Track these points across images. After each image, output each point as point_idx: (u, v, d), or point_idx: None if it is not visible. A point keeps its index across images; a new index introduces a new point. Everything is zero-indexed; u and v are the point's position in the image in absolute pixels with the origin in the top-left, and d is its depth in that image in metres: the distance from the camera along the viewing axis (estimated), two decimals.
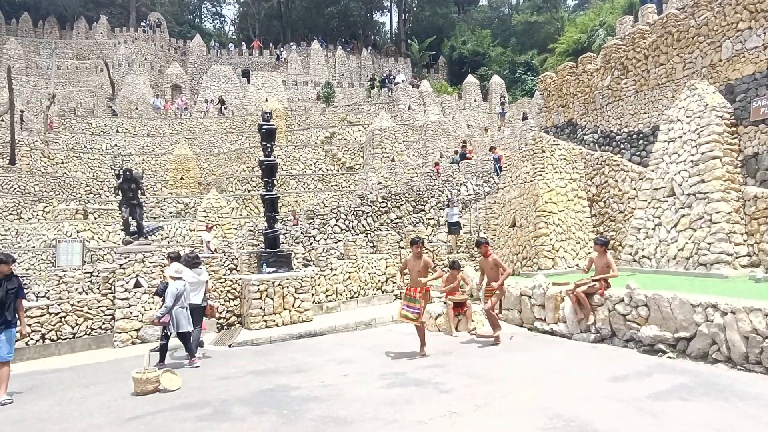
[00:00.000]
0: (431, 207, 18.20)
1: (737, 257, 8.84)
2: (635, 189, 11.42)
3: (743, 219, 9.18)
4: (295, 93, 42.38)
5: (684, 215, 9.64)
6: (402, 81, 41.37)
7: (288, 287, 10.50)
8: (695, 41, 11.70)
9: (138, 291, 10.29)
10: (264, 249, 11.90)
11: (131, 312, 10.08)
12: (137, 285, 10.34)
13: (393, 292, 13.17)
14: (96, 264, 14.53)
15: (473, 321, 8.87)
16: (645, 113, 13.22)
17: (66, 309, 9.77)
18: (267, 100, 36.63)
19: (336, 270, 12.63)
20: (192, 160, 27.80)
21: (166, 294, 7.40)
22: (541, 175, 12.01)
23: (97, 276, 11.15)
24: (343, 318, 10.69)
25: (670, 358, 6.29)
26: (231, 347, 8.94)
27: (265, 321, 10.15)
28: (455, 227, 15.23)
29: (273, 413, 5.03)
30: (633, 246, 10.63)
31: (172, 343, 9.45)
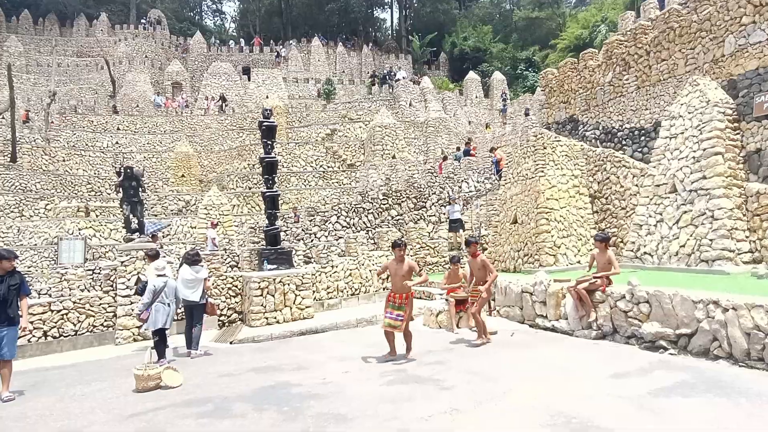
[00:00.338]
0: (432, 204, 18.19)
1: (739, 253, 8.81)
2: (637, 185, 11.39)
3: (745, 215, 9.15)
4: (296, 90, 42.34)
5: (686, 211, 9.61)
6: (403, 77, 41.30)
7: (289, 284, 10.50)
8: (697, 36, 11.63)
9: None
10: (265, 246, 11.91)
11: (133, 309, 10.09)
12: (138, 282, 10.36)
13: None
14: (98, 261, 14.54)
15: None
16: (647, 109, 13.17)
17: (68, 306, 9.79)
18: (267, 97, 36.62)
19: (337, 267, 12.64)
20: (193, 157, 27.81)
21: (146, 291, 7.56)
22: (543, 172, 11.98)
23: (99, 273, 11.17)
24: (345, 315, 10.69)
25: (671, 354, 6.28)
26: (232, 344, 8.95)
27: (266, 318, 10.16)
28: (456, 225, 15.19)
29: (274, 410, 5.04)
30: (635, 242, 10.60)
31: (174, 341, 9.49)
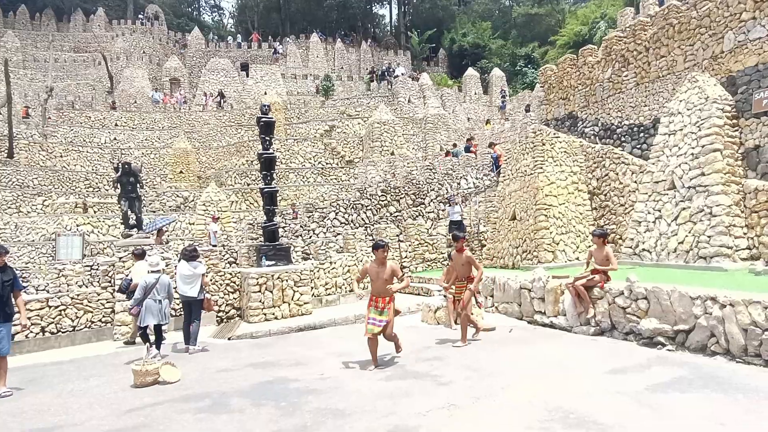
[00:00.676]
0: (431, 200, 18.18)
1: (737, 250, 8.82)
2: (636, 182, 11.39)
3: (743, 212, 9.16)
4: (294, 86, 42.23)
5: (684, 208, 9.61)
6: (402, 74, 41.18)
7: (287, 280, 10.49)
8: (697, 33, 11.62)
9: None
10: (263, 242, 11.89)
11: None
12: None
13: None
14: (96, 257, 14.52)
15: (473, 314, 8.86)
16: (646, 106, 13.17)
17: (66, 302, 9.77)
18: (266, 93, 36.53)
19: (335, 263, 12.63)
20: (191, 153, 27.74)
21: (129, 287, 7.72)
22: (542, 168, 11.97)
23: (97, 269, 11.15)
24: (343, 311, 10.69)
25: (669, 350, 6.29)
26: (230, 340, 8.95)
27: (265, 314, 10.15)
28: (456, 226, 14.67)
29: (271, 405, 5.04)
30: (633, 239, 10.61)
31: (172, 337, 9.48)
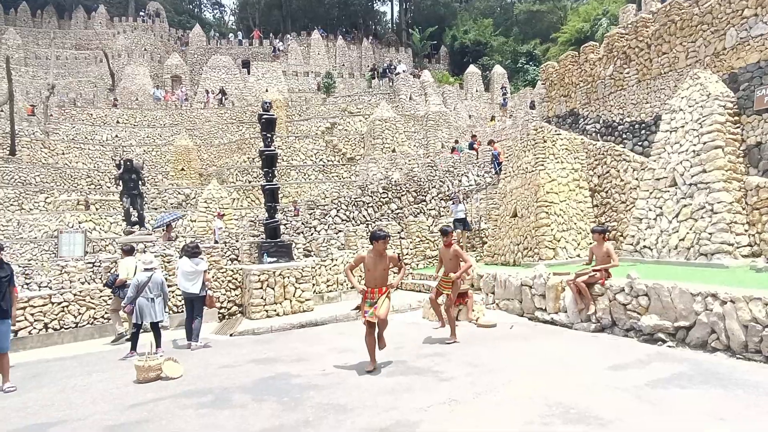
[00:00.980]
0: (432, 197, 18.19)
1: (738, 247, 8.82)
2: (637, 179, 11.38)
3: (745, 209, 9.15)
4: (296, 83, 42.19)
5: (685, 205, 9.61)
6: (403, 71, 41.13)
7: (289, 277, 10.52)
8: (699, 29, 11.58)
9: None
10: (265, 239, 11.92)
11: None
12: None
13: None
14: (98, 254, 14.56)
15: (474, 311, 8.89)
16: (647, 103, 13.14)
17: (68, 299, 9.81)
18: (267, 90, 36.50)
19: (337, 260, 12.66)
20: (192, 150, 27.76)
21: (130, 284, 7.80)
22: (543, 165, 11.97)
23: (99, 266, 11.19)
24: (344, 308, 10.71)
25: (669, 347, 6.30)
26: (232, 336, 8.99)
27: (266, 311, 10.19)
28: (460, 224, 14.57)
29: (273, 401, 5.07)
30: (634, 236, 10.61)
31: (173, 333, 9.53)
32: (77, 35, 49.14)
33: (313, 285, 11.45)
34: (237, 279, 11.38)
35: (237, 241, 14.98)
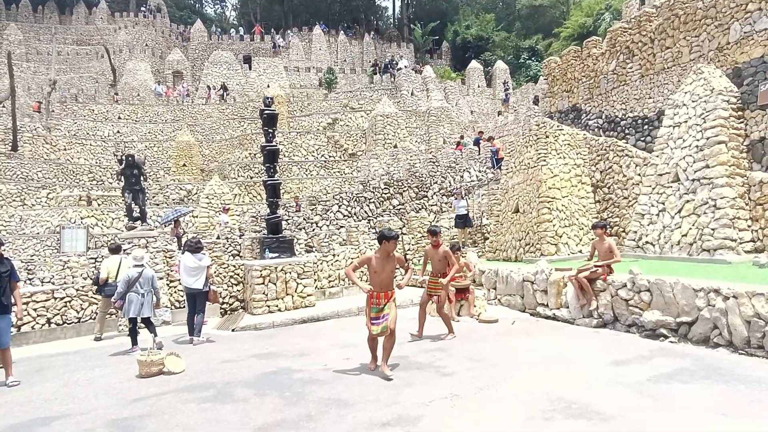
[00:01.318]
0: (434, 193, 18.16)
1: (741, 243, 8.79)
2: (640, 175, 11.34)
3: (748, 204, 9.11)
4: (297, 79, 42.10)
5: (688, 201, 9.57)
6: (405, 66, 40.95)
7: (290, 272, 10.53)
8: (702, 24, 11.50)
9: None
10: (266, 235, 11.92)
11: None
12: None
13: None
14: (100, 250, 14.58)
15: (476, 306, 8.90)
16: (650, 98, 13.07)
17: (71, 294, 9.84)
18: (269, 86, 36.44)
19: (338, 256, 12.66)
20: (194, 146, 27.74)
21: (120, 281, 7.90)
22: (545, 161, 11.93)
23: (101, 261, 11.20)
24: (346, 303, 10.73)
25: (671, 342, 6.30)
26: (234, 332, 9.01)
27: (268, 306, 10.20)
28: (462, 221, 14.43)
29: (275, 395, 5.08)
30: (637, 232, 10.58)
31: (174, 329, 9.55)
32: (78, 30, 49.08)
33: (315, 280, 11.46)
34: (239, 274, 11.39)
35: (240, 236, 15.00)
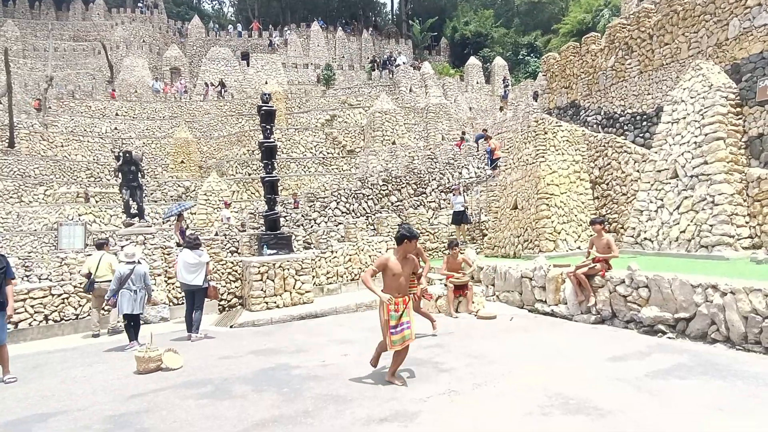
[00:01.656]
0: (432, 190, 18.15)
1: (739, 239, 8.80)
2: (638, 171, 11.33)
3: (746, 201, 9.12)
4: (295, 75, 42.01)
5: (686, 197, 9.58)
6: (403, 63, 40.91)
7: (289, 269, 10.52)
8: (701, 20, 11.48)
9: None
10: (265, 231, 11.91)
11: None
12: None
13: None
14: None
15: (474, 303, 8.90)
16: (649, 94, 13.06)
17: (68, 290, 9.81)
18: (267, 82, 36.36)
19: (336, 252, 12.65)
20: (192, 143, 27.69)
21: (113, 278, 7.93)
22: (543, 157, 11.92)
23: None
24: (344, 300, 10.73)
25: (669, 338, 6.31)
26: (232, 328, 9.00)
27: (266, 302, 10.20)
28: (459, 217, 14.33)
29: (273, 391, 5.08)
30: (635, 228, 10.59)
31: (173, 325, 9.55)
32: (75, 27, 48.84)
33: (313, 277, 11.45)
34: (237, 271, 11.38)
35: (240, 231, 14.98)
